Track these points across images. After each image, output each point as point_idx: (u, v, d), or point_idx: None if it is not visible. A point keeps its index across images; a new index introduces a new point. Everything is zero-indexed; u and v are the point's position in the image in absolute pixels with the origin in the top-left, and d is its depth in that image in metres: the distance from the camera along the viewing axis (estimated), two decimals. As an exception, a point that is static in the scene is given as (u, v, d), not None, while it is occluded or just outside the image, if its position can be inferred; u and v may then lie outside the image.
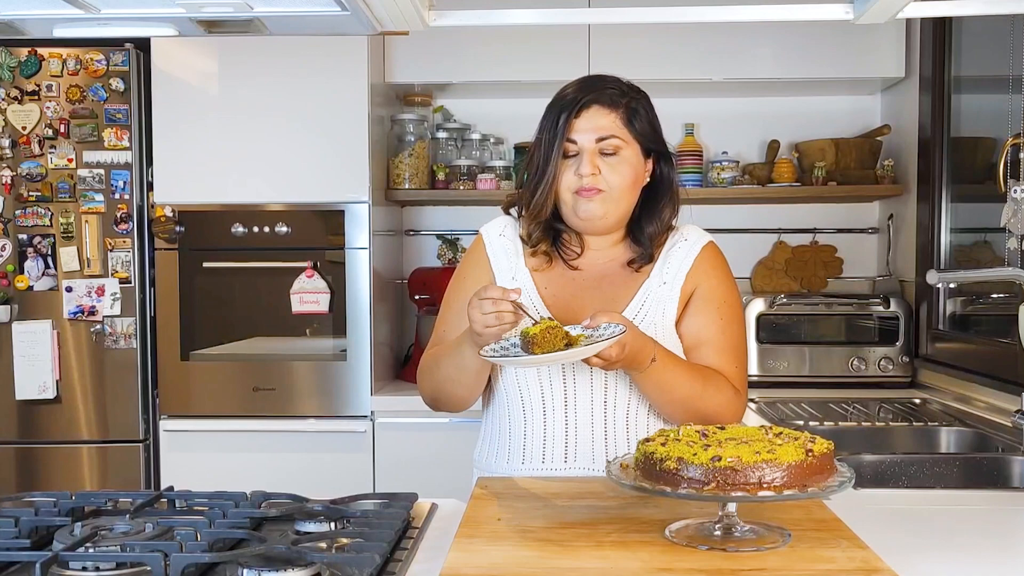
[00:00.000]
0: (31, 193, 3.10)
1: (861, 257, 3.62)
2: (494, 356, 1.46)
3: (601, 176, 1.62)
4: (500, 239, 1.75)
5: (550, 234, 1.71)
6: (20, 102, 3.10)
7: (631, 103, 1.66)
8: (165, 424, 3.11)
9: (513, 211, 1.77)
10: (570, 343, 1.43)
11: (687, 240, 1.72)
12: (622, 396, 1.65)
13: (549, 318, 1.49)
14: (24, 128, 3.10)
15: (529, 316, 1.48)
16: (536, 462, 1.66)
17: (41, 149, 3.10)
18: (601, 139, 1.63)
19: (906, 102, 3.34)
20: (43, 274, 3.12)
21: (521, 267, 1.72)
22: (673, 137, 3.51)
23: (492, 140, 3.51)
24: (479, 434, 1.82)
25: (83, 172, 3.10)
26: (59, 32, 1.56)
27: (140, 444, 3.14)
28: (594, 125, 1.63)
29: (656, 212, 1.71)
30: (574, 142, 1.63)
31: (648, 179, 1.70)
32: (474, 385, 1.66)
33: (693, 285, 1.69)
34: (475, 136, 3.48)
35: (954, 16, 2.87)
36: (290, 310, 3.10)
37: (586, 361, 1.46)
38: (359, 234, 3.09)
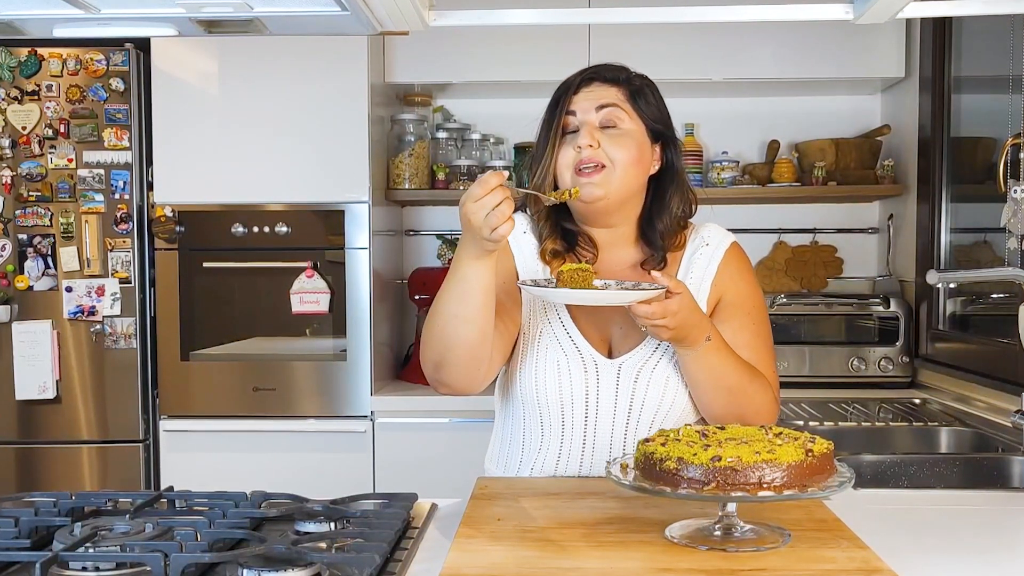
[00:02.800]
0: (31, 193, 3.10)
1: (861, 257, 3.62)
2: (527, 284, 1.45)
3: (601, 150, 1.55)
4: (524, 236, 1.67)
5: (559, 232, 1.64)
6: (20, 102, 3.10)
7: (635, 81, 1.62)
8: (165, 424, 3.11)
9: (523, 213, 1.69)
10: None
11: (708, 245, 1.66)
12: (646, 417, 1.58)
13: (588, 261, 1.47)
14: (24, 128, 3.10)
15: (524, 190, 1.45)
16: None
17: (41, 149, 3.10)
18: (601, 107, 1.57)
19: (906, 102, 3.34)
20: (43, 274, 3.12)
21: (545, 267, 1.64)
22: (673, 137, 3.50)
23: (492, 140, 3.51)
24: (491, 438, 1.76)
25: (83, 172, 3.10)
26: (59, 32, 1.56)
27: (140, 444, 3.14)
28: (594, 96, 1.58)
29: (665, 204, 1.63)
30: (573, 114, 1.58)
31: (657, 168, 1.63)
32: (481, 320, 1.45)
33: (719, 292, 1.63)
34: (475, 136, 3.48)
35: (954, 16, 2.87)
36: (290, 310, 3.10)
37: (634, 317, 1.43)
38: (359, 234, 3.09)
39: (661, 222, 1.63)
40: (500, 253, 1.58)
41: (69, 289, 3.10)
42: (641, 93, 1.61)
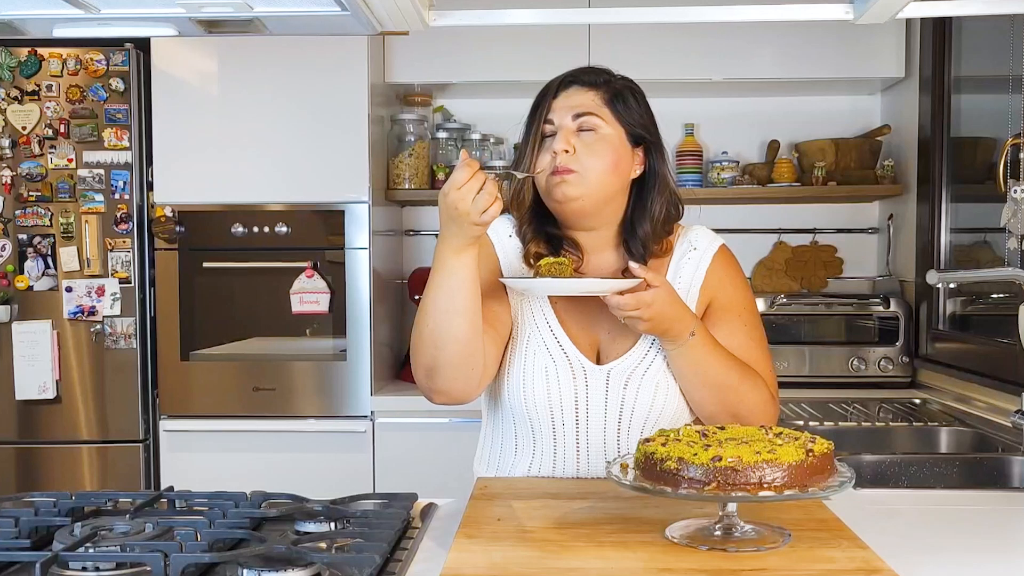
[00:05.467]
0: (31, 193, 3.10)
1: (861, 257, 3.62)
2: (508, 279, 1.52)
3: (575, 156, 1.54)
4: (510, 240, 1.67)
5: (543, 236, 1.63)
6: (20, 102, 3.10)
7: (615, 85, 1.60)
8: (165, 424, 3.11)
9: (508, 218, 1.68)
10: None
11: (696, 250, 1.64)
12: (636, 423, 1.57)
13: (568, 256, 1.54)
14: (24, 128, 3.10)
15: (495, 172, 1.46)
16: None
17: (41, 149, 3.10)
18: (578, 115, 1.56)
19: (906, 102, 3.34)
20: (43, 274, 3.12)
21: (531, 271, 1.62)
22: (673, 137, 3.51)
23: (492, 140, 3.51)
24: (479, 442, 1.76)
25: (83, 172, 3.10)
26: (59, 32, 1.56)
27: (140, 444, 3.14)
28: (571, 103, 1.58)
29: (646, 209, 1.60)
30: (551, 122, 1.58)
31: (640, 172, 1.61)
32: (471, 312, 1.45)
33: (708, 297, 1.62)
34: (475, 136, 3.48)
35: (954, 16, 2.87)
36: (290, 310, 3.10)
37: (610, 308, 1.46)
38: (359, 234, 3.09)
39: (642, 228, 1.61)
40: (485, 257, 1.61)
41: (69, 289, 3.10)
42: (620, 96, 1.59)
